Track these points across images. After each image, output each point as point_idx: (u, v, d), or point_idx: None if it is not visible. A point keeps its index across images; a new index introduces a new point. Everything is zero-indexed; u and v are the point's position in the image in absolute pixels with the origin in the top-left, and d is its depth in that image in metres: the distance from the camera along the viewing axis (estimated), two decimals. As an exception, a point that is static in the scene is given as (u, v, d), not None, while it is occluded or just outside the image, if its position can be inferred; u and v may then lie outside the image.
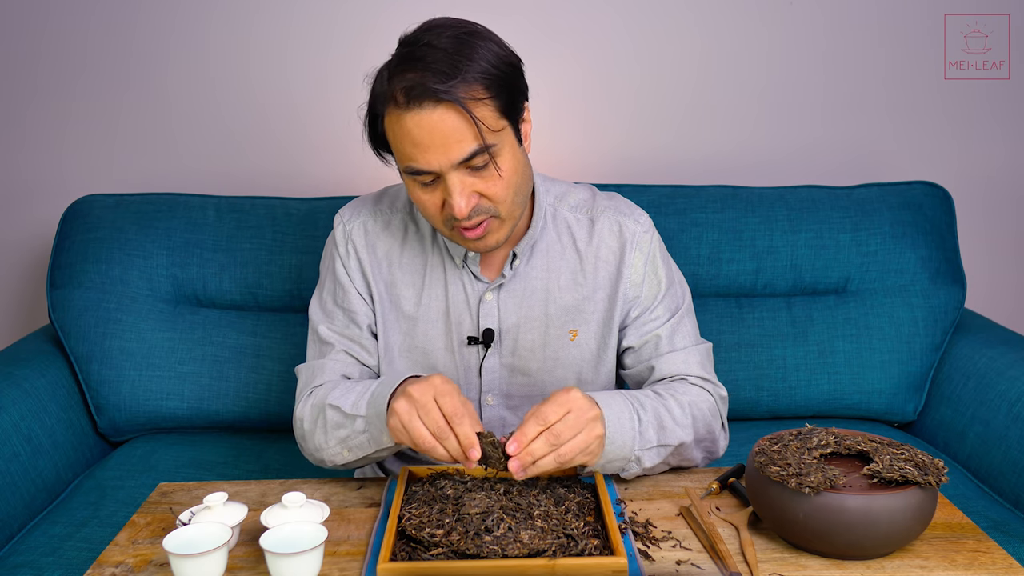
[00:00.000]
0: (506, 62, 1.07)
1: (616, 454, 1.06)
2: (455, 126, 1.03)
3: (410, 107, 1.03)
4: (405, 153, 1.06)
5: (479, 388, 1.26)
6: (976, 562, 0.92)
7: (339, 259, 1.26)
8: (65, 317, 1.70)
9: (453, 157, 1.04)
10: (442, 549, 0.91)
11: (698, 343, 1.26)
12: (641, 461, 1.09)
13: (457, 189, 1.06)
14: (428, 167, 1.05)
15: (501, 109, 1.06)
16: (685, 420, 1.13)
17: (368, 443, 1.11)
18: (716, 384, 1.24)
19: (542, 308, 1.24)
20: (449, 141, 1.03)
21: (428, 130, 1.03)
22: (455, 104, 1.02)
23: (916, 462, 0.94)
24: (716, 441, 1.20)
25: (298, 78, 1.95)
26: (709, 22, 1.95)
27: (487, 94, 1.04)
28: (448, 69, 1.02)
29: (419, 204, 1.12)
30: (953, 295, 1.75)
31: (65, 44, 1.93)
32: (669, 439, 1.11)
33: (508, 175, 1.08)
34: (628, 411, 1.08)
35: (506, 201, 1.10)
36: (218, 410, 1.71)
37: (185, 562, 0.84)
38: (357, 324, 1.24)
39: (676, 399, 1.15)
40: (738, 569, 0.91)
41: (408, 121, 1.03)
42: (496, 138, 1.06)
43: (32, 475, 1.47)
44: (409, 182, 1.11)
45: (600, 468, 1.07)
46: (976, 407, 1.61)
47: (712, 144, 2.02)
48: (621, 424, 1.06)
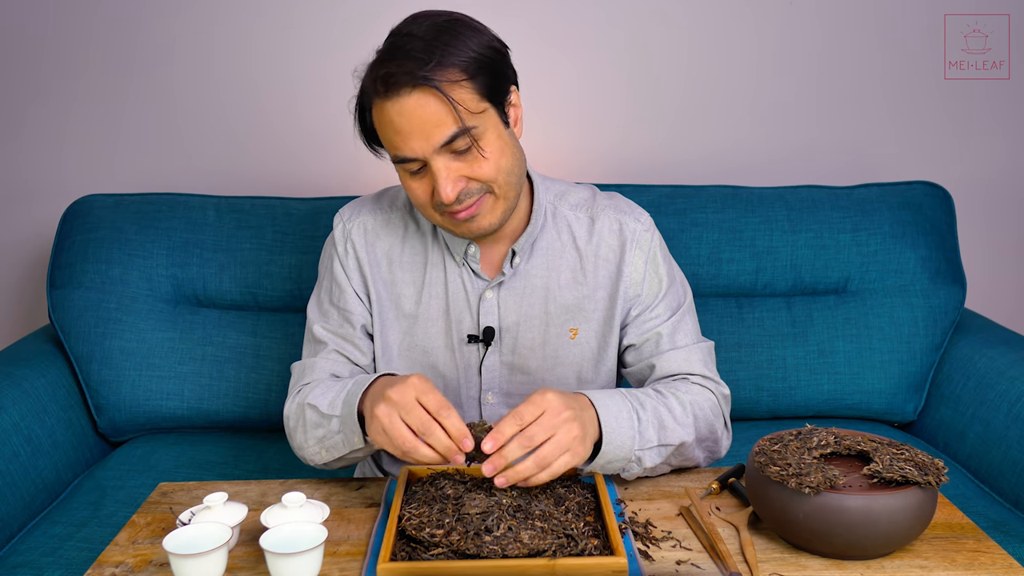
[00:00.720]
0: (487, 46, 1.08)
1: (615, 454, 1.05)
2: (434, 110, 1.04)
3: (389, 95, 1.04)
4: (390, 142, 1.08)
5: (479, 386, 1.26)
6: (976, 562, 0.92)
7: (337, 258, 1.26)
8: (65, 317, 1.70)
9: (434, 141, 1.05)
10: (442, 549, 0.91)
11: (700, 341, 1.25)
12: (642, 461, 1.08)
13: (443, 174, 1.07)
14: (412, 154, 1.06)
15: (481, 91, 1.07)
16: (686, 419, 1.12)
17: (343, 444, 1.11)
18: (718, 382, 1.23)
19: (542, 306, 1.24)
20: (428, 125, 1.04)
21: (408, 116, 1.04)
22: (431, 87, 1.03)
23: (916, 462, 0.94)
24: (718, 441, 1.19)
25: (299, 78, 1.95)
26: (709, 22, 1.95)
27: (463, 76, 1.05)
28: (424, 55, 1.03)
29: (411, 193, 1.13)
30: (953, 295, 1.75)
31: (66, 44, 1.93)
32: (670, 439, 1.10)
33: (494, 156, 1.09)
34: (627, 410, 1.07)
35: (496, 180, 1.10)
36: (218, 410, 1.71)
37: (185, 562, 0.84)
38: (351, 323, 1.24)
39: (677, 398, 1.14)
40: (738, 569, 0.91)
41: (389, 109, 1.05)
42: (477, 120, 1.06)
43: (32, 475, 1.47)
44: (400, 172, 1.12)
45: (600, 469, 1.06)
46: (976, 407, 1.61)
47: (712, 144, 2.02)
48: (620, 424, 1.05)
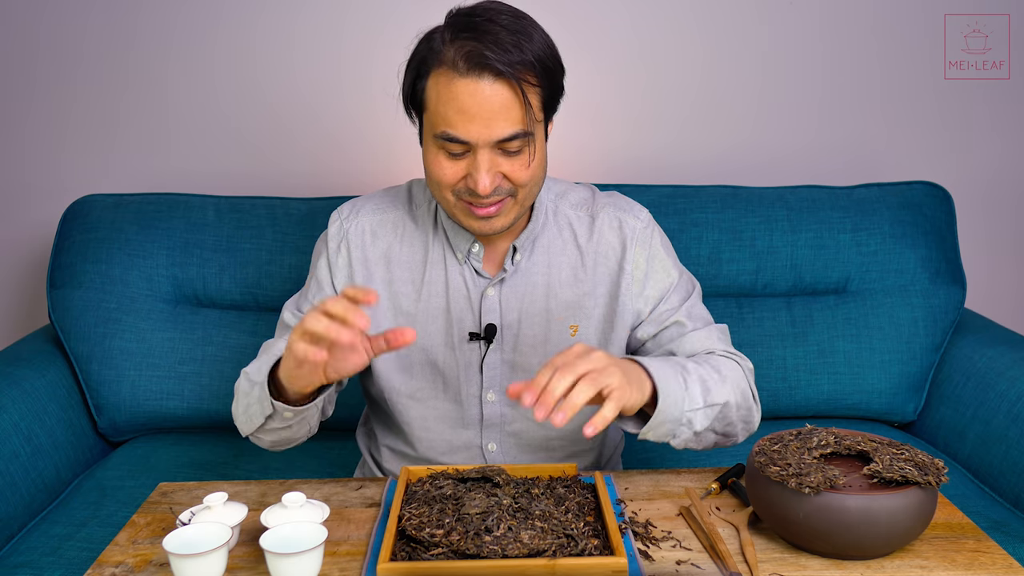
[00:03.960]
0: (555, 57, 1.09)
1: (667, 414, 1.02)
2: (506, 104, 1.03)
3: (468, 74, 1.03)
4: (447, 118, 1.05)
5: (480, 384, 1.26)
6: (976, 562, 0.92)
7: (326, 256, 1.25)
8: (65, 317, 1.70)
9: (495, 134, 1.05)
10: (442, 549, 0.91)
11: (715, 323, 1.25)
12: (692, 424, 1.05)
13: (485, 166, 1.06)
14: (467, 136, 1.05)
15: (544, 101, 1.08)
16: (724, 382, 1.11)
17: (259, 411, 1.08)
18: (742, 357, 1.22)
19: (543, 303, 1.24)
20: (496, 117, 1.04)
21: (479, 100, 1.03)
22: (513, 82, 1.03)
23: (916, 462, 0.94)
24: (751, 410, 1.16)
25: (299, 78, 1.95)
26: (710, 22, 1.95)
27: (538, 82, 1.06)
28: (514, 48, 1.02)
29: (436, 170, 1.10)
30: (953, 295, 1.75)
31: (65, 44, 1.93)
32: (716, 398, 1.07)
33: (535, 165, 1.10)
34: (674, 373, 1.05)
35: (526, 187, 1.11)
36: (218, 410, 1.71)
37: (185, 562, 0.84)
38: None
39: (711, 364, 1.13)
40: (738, 569, 0.91)
41: (460, 87, 1.03)
42: (536, 127, 1.08)
43: (32, 475, 1.47)
44: (434, 148, 1.10)
45: (651, 434, 1.03)
46: (976, 407, 1.61)
47: (712, 144, 2.02)
48: (668, 383, 1.03)
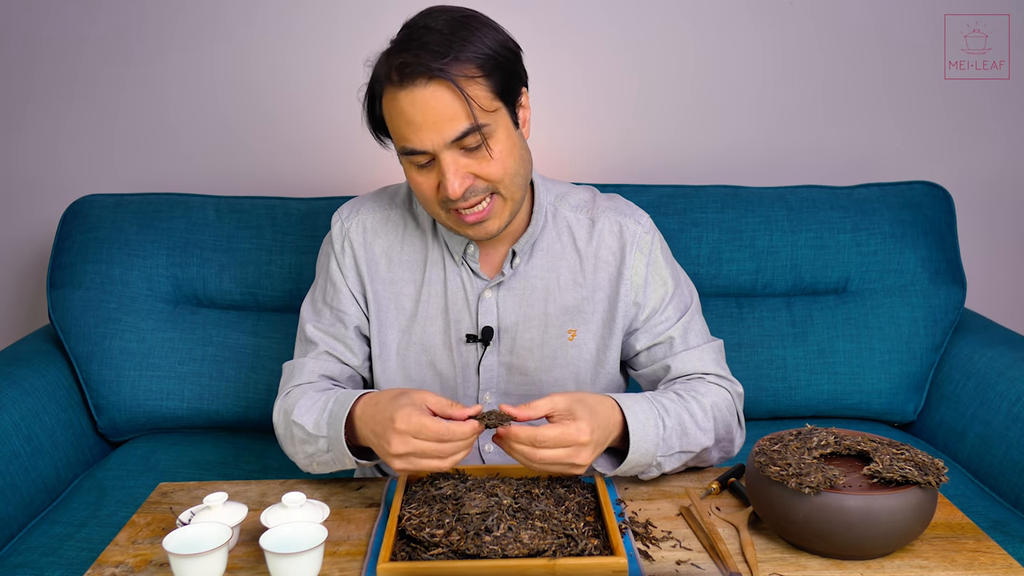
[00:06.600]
0: (503, 45, 1.08)
1: (638, 461, 1.07)
2: (447, 103, 1.04)
3: (404, 85, 1.04)
4: (400, 133, 1.08)
5: (477, 386, 1.26)
6: (976, 562, 0.92)
7: (334, 257, 1.26)
8: (65, 317, 1.70)
9: (446, 135, 1.05)
10: (442, 549, 0.91)
11: (710, 340, 1.26)
12: (661, 467, 1.10)
13: (451, 169, 1.07)
14: (422, 146, 1.06)
15: (495, 90, 1.07)
16: (707, 424, 1.14)
17: (333, 462, 1.12)
18: (732, 381, 1.24)
19: (542, 307, 1.24)
20: (441, 119, 1.04)
21: (421, 107, 1.04)
22: (447, 81, 1.03)
23: (916, 462, 0.94)
24: (733, 440, 1.20)
25: (298, 78, 1.95)
26: (709, 22, 1.95)
27: (480, 73, 1.05)
28: (441, 48, 1.03)
29: (416, 188, 1.12)
30: (953, 295, 1.75)
31: (65, 44, 1.93)
32: (691, 446, 1.12)
33: (501, 156, 1.09)
34: (654, 418, 1.08)
35: (503, 181, 1.11)
36: (218, 410, 1.71)
37: (185, 562, 0.84)
38: (344, 323, 1.24)
39: (698, 401, 1.15)
40: (738, 569, 0.91)
41: (402, 99, 1.05)
42: (489, 118, 1.07)
43: (32, 475, 1.47)
44: (406, 165, 1.12)
45: (621, 473, 1.08)
46: (976, 407, 1.61)
47: (712, 144, 2.02)
48: (646, 432, 1.07)
